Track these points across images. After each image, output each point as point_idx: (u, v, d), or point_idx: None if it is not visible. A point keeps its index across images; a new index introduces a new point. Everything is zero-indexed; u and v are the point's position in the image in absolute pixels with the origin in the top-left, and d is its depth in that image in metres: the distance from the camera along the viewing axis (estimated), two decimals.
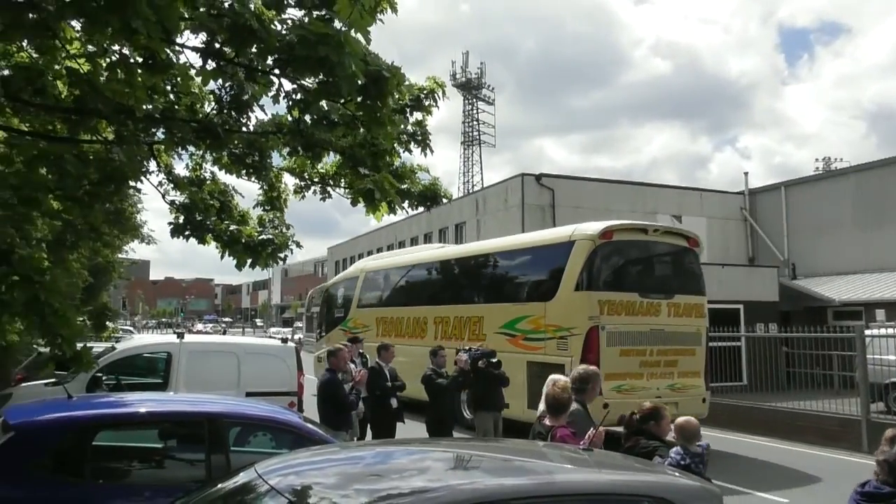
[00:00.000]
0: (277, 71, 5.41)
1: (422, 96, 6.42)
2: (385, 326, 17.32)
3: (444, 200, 7.73)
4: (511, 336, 12.89)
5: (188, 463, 5.73)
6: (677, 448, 5.02)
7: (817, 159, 73.50)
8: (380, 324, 17.66)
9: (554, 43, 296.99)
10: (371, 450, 4.25)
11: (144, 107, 5.95)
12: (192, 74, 5.91)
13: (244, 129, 6.56)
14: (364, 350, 11.83)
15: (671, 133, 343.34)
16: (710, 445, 5.22)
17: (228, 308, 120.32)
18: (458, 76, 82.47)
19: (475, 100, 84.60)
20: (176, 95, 6.59)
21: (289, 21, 5.23)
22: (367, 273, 19.61)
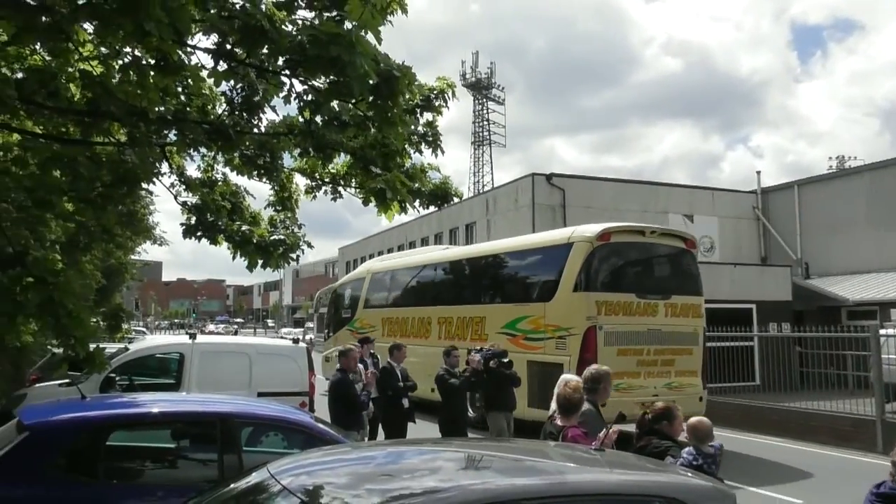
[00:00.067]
0: (288, 72, 5.43)
1: (432, 97, 6.42)
2: (391, 326, 17.48)
3: (455, 199, 7.73)
4: (512, 336, 13.06)
5: (201, 463, 5.76)
6: (689, 448, 5.00)
7: (831, 157, 72.75)
8: (386, 324, 17.82)
9: (564, 42, 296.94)
10: (382, 450, 4.26)
11: (157, 109, 5.97)
12: (204, 76, 5.94)
13: (255, 131, 6.58)
14: (375, 350, 11.86)
15: (682, 132, 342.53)
16: (724, 446, 5.19)
17: (240, 309, 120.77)
18: (468, 76, 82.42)
19: (485, 99, 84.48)
20: (188, 97, 6.62)
21: (299, 22, 5.25)
22: (374, 274, 19.80)
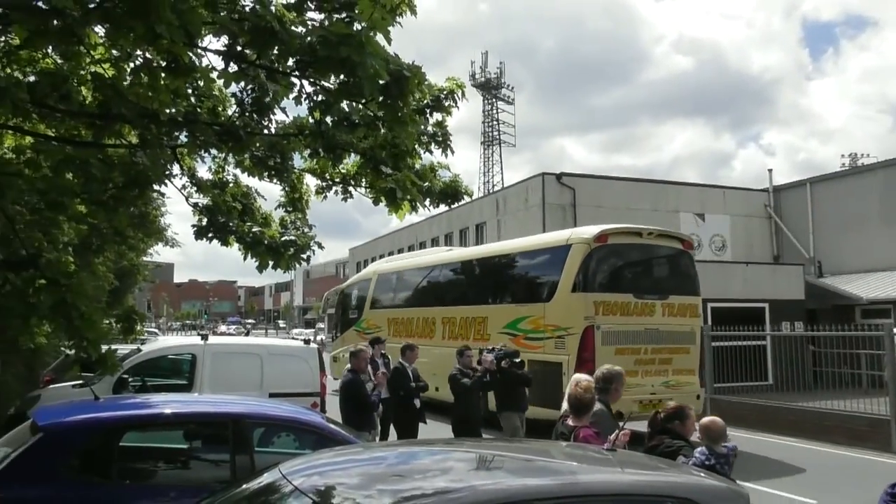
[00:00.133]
0: (298, 73, 5.44)
1: (441, 97, 6.43)
2: (396, 327, 17.70)
3: (465, 197, 7.73)
4: (513, 336, 13.20)
5: (213, 463, 5.77)
6: (702, 448, 4.96)
7: (843, 155, 72.53)
8: (391, 324, 18.05)
9: (574, 41, 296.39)
10: (394, 450, 4.25)
11: (168, 110, 6.00)
12: (215, 77, 5.97)
13: (266, 132, 6.61)
14: (385, 350, 11.88)
15: (693, 130, 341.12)
16: (738, 447, 5.14)
17: (251, 310, 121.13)
18: (478, 76, 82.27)
19: (495, 99, 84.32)
20: (198, 99, 6.66)
21: (309, 23, 5.26)
22: (380, 275, 20.13)
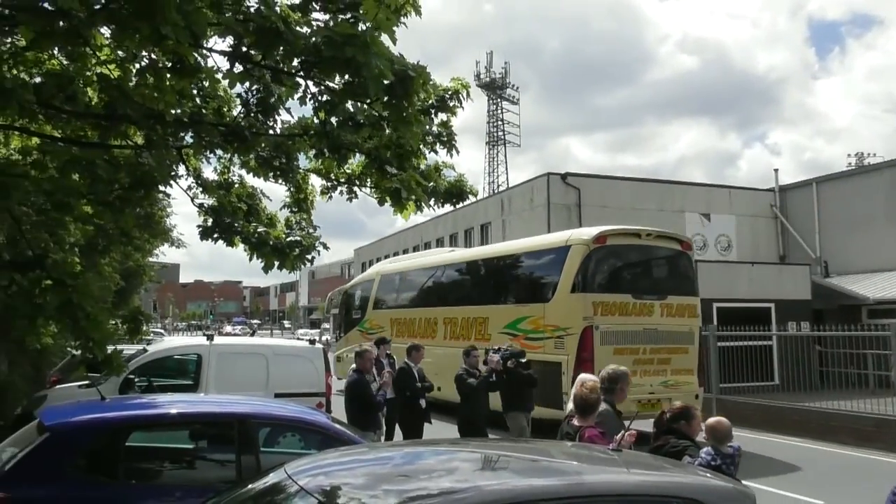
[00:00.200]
0: (303, 73, 5.45)
1: (446, 97, 6.42)
2: (399, 327, 17.83)
3: (470, 197, 7.73)
4: (514, 336, 13.30)
5: (219, 463, 5.78)
6: (707, 448, 4.95)
7: (849, 154, 72.26)
8: (394, 324, 18.18)
9: (579, 41, 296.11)
10: (399, 450, 4.26)
11: (173, 111, 6.01)
12: (220, 78, 5.97)
13: (271, 132, 6.61)
14: (391, 350, 11.88)
15: (699, 130, 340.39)
16: (742, 448, 5.12)
17: (257, 310, 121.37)
18: (483, 76, 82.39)
19: (499, 99, 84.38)
20: (203, 99, 6.66)
21: (314, 24, 5.26)
22: (382, 276, 20.34)
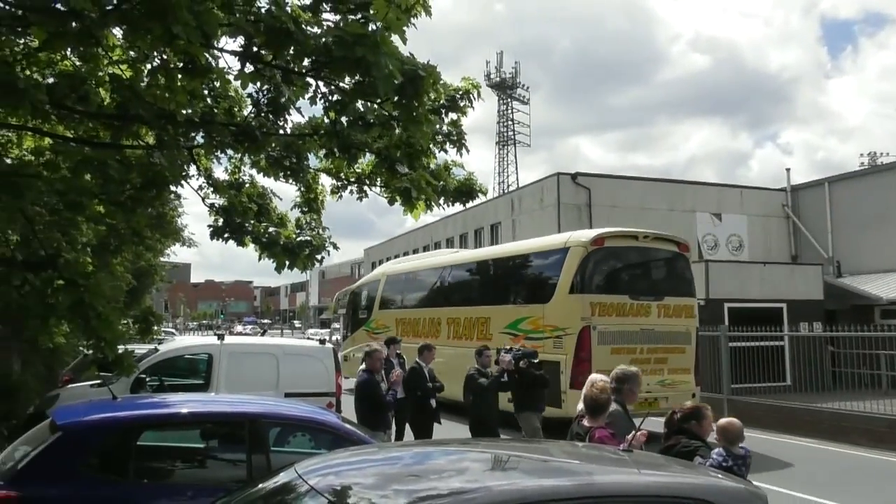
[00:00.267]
0: (314, 73, 5.45)
1: (457, 97, 6.43)
2: (404, 327, 18.03)
3: (480, 195, 7.73)
4: (514, 335, 13.49)
5: (229, 463, 5.80)
6: (719, 449, 4.92)
7: (862, 154, 71.84)
8: (399, 324, 18.39)
9: (589, 41, 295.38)
10: (409, 450, 4.25)
11: (184, 111, 6.03)
12: (231, 78, 5.99)
13: (281, 132, 6.63)
14: (401, 350, 11.90)
15: (710, 130, 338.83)
16: (750, 450, 5.09)
17: (267, 310, 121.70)
18: (493, 76, 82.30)
19: (510, 99, 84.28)
20: (214, 99, 6.69)
21: (325, 24, 5.27)
22: (388, 276, 20.65)
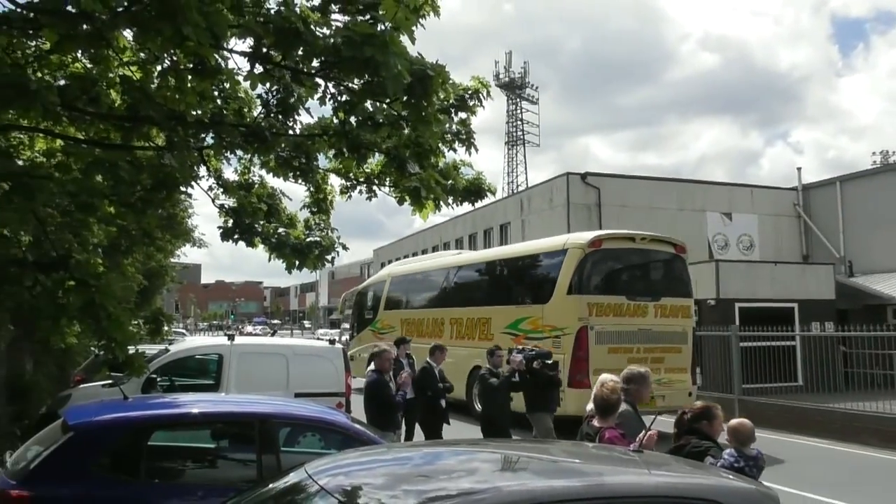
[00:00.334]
0: (323, 73, 5.46)
1: (466, 96, 6.42)
2: (408, 327, 18.23)
3: (489, 194, 7.72)
4: (515, 335, 13.77)
5: (240, 463, 5.81)
6: (730, 450, 4.88)
7: (874, 152, 71.44)
8: (404, 325, 18.62)
9: (598, 41, 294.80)
10: (419, 451, 4.24)
11: (194, 112, 6.06)
12: (240, 79, 6.01)
13: (291, 132, 6.64)
14: (410, 350, 11.91)
15: (720, 129, 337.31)
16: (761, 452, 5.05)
17: (277, 310, 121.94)
18: (502, 76, 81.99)
19: (519, 99, 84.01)
20: (224, 100, 6.71)
21: (333, 24, 5.28)
22: (393, 277, 20.93)
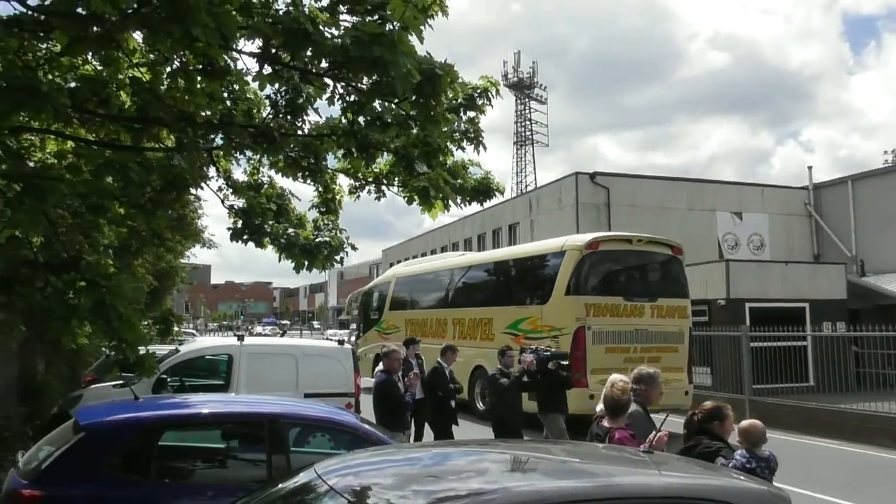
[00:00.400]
0: (331, 73, 5.47)
1: (475, 95, 6.42)
2: (412, 327, 18.46)
3: (497, 194, 7.70)
4: (515, 335, 14.04)
5: (250, 463, 5.82)
6: (742, 451, 4.85)
7: (886, 151, 70.83)
8: (408, 325, 18.89)
9: (607, 40, 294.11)
10: (428, 451, 4.24)
11: (204, 113, 6.08)
12: (249, 80, 6.03)
13: (299, 133, 6.65)
14: (419, 351, 11.92)
15: (730, 128, 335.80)
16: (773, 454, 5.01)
17: (286, 311, 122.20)
18: (510, 76, 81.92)
19: (527, 99, 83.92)
20: (233, 101, 6.73)
21: (342, 25, 5.28)
22: (398, 278, 21.21)
